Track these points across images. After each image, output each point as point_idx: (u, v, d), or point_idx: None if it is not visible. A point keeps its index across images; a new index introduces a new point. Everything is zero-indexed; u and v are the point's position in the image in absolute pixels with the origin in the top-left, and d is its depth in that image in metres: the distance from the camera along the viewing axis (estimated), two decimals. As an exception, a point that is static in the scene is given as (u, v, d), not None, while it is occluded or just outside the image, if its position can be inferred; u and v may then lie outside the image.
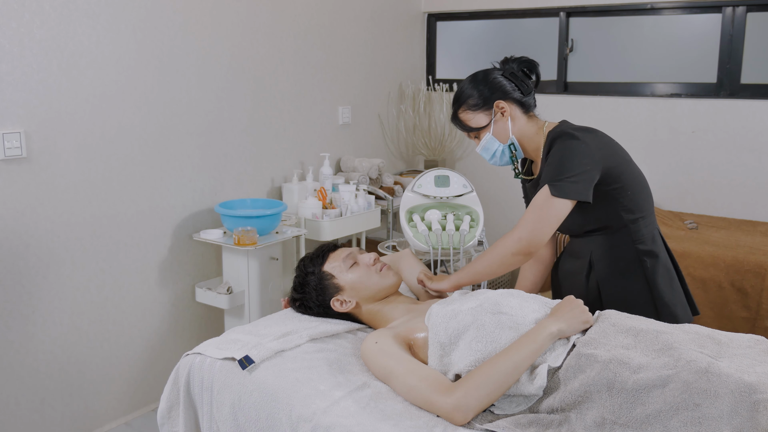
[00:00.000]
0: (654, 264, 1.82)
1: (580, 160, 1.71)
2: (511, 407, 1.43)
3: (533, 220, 1.69)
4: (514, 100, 1.84)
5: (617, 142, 1.86)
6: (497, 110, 1.84)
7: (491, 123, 1.85)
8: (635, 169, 1.84)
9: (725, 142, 3.31)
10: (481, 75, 1.87)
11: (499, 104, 1.83)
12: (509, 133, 1.85)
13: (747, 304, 2.69)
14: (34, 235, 2.31)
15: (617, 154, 1.81)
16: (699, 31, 3.37)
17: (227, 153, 2.93)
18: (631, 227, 1.81)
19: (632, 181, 1.81)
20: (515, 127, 1.85)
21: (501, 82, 1.84)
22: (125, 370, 2.67)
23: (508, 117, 1.84)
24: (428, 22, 4.14)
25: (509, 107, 1.84)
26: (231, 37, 2.88)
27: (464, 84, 1.88)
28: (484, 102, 1.84)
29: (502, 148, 1.88)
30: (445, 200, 2.24)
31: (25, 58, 2.22)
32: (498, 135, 1.86)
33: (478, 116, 1.85)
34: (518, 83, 1.85)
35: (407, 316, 1.73)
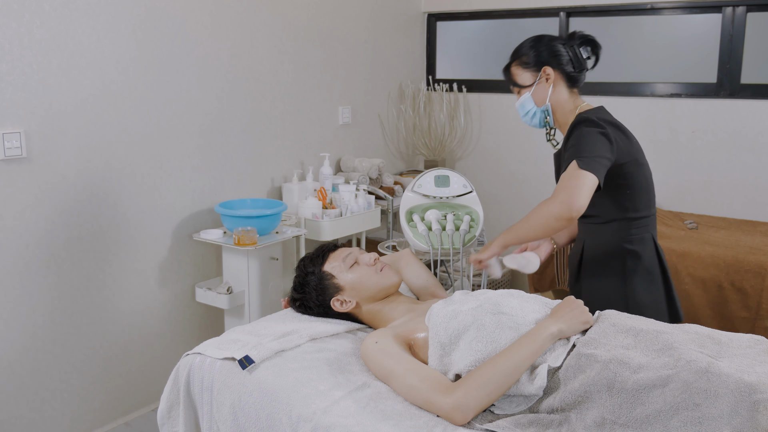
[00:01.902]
0: (635, 264, 1.86)
1: (600, 146, 1.75)
2: (511, 407, 1.43)
3: (570, 186, 1.69)
4: (563, 72, 1.91)
5: (637, 142, 1.89)
6: (543, 75, 1.91)
7: (534, 84, 1.92)
8: (644, 172, 1.88)
9: (725, 142, 3.31)
10: (545, 39, 1.93)
11: (546, 70, 1.90)
12: (546, 100, 1.92)
13: (747, 304, 2.69)
14: (34, 235, 2.31)
15: (631, 154, 1.84)
16: (699, 31, 3.37)
17: (227, 153, 2.93)
18: (621, 223, 1.86)
19: (636, 182, 1.84)
20: (554, 96, 1.92)
21: (559, 50, 1.91)
22: (125, 370, 2.67)
23: (550, 84, 1.91)
24: (428, 22, 4.14)
25: (555, 76, 1.91)
26: (231, 37, 2.88)
27: (526, 41, 1.95)
28: (535, 63, 1.91)
29: (534, 110, 1.95)
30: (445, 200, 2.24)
31: (25, 58, 2.22)
32: (536, 97, 1.93)
33: (526, 74, 1.93)
34: (573, 57, 1.91)
35: (407, 316, 1.73)
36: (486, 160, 4.01)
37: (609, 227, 1.87)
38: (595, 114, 1.85)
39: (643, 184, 1.86)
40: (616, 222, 1.86)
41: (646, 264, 1.87)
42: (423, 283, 1.98)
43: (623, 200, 1.84)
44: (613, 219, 1.86)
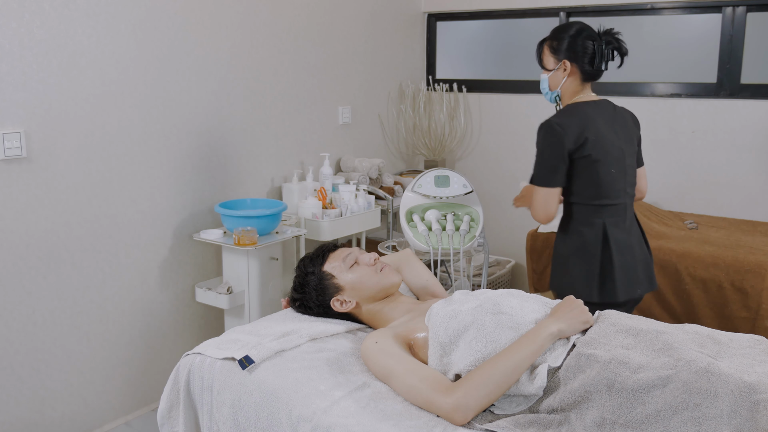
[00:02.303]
0: (578, 242, 2.13)
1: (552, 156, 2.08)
2: (511, 407, 1.43)
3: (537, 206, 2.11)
4: (581, 68, 2.13)
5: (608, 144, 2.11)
6: (563, 66, 2.15)
7: (553, 71, 2.17)
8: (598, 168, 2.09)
9: (725, 142, 3.31)
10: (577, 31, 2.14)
11: (566, 63, 2.14)
12: (558, 87, 2.18)
13: (747, 304, 2.69)
14: (34, 235, 2.31)
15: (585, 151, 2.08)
16: (699, 31, 3.37)
17: (227, 153, 2.93)
18: (574, 207, 2.15)
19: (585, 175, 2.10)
20: (566, 85, 2.17)
21: (587, 48, 2.12)
22: (125, 370, 2.67)
23: (566, 76, 2.15)
24: (428, 22, 4.14)
25: (572, 69, 2.14)
26: (231, 37, 2.88)
27: (567, 27, 2.16)
28: (560, 52, 2.15)
29: (548, 92, 2.22)
30: (445, 200, 2.24)
31: (25, 58, 2.22)
32: (551, 82, 2.19)
33: (551, 59, 2.18)
34: (596, 56, 2.12)
35: (407, 316, 1.73)
36: (486, 160, 4.00)
37: (569, 205, 2.17)
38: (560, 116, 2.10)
39: (593, 177, 2.10)
40: (572, 205, 2.16)
41: (589, 245, 2.12)
42: (423, 283, 1.98)
43: (574, 187, 2.12)
44: (569, 202, 2.17)
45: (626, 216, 2.17)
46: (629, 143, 2.20)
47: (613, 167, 2.12)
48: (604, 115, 2.14)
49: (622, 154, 2.14)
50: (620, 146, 2.14)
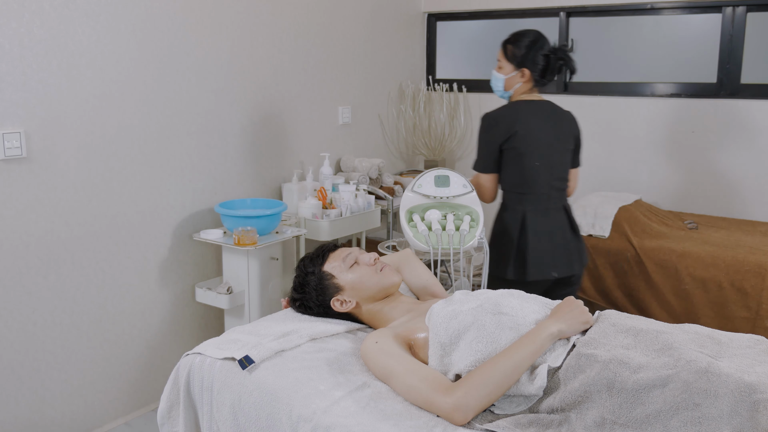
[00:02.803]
0: (501, 225, 2.43)
1: (486, 146, 2.39)
2: (511, 407, 1.43)
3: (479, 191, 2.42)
4: (534, 77, 2.40)
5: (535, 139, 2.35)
6: (521, 73, 2.40)
7: (512, 74, 2.41)
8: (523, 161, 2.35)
9: (725, 142, 3.31)
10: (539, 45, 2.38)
11: (525, 71, 2.39)
12: (512, 89, 2.44)
13: (747, 304, 2.69)
14: (34, 235, 2.31)
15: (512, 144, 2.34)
16: (699, 31, 3.37)
17: (227, 153, 2.93)
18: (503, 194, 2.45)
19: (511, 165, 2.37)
20: (518, 88, 2.43)
21: (542, 60, 2.37)
22: (125, 370, 2.67)
23: (521, 81, 2.41)
24: (428, 22, 4.14)
25: (528, 77, 2.39)
26: (231, 37, 2.88)
27: (526, 38, 2.39)
28: (521, 61, 2.39)
29: (500, 90, 2.47)
30: (445, 200, 2.24)
31: (25, 58, 2.22)
32: (508, 83, 2.44)
33: (510, 64, 2.41)
34: (548, 69, 2.38)
35: (408, 316, 1.73)
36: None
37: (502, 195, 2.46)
38: (500, 110, 2.38)
39: (518, 168, 2.36)
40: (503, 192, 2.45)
41: (509, 229, 2.39)
42: (423, 283, 1.98)
43: (503, 175, 2.41)
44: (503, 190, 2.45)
45: (549, 206, 2.40)
46: (561, 142, 2.42)
47: (537, 160, 2.35)
48: (540, 114, 2.38)
49: (550, 150, 2.38)
50: (549, 143, 2.37)
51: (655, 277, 2.87)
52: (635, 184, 3.57)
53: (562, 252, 2.39)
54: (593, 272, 3.03)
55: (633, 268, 2.93)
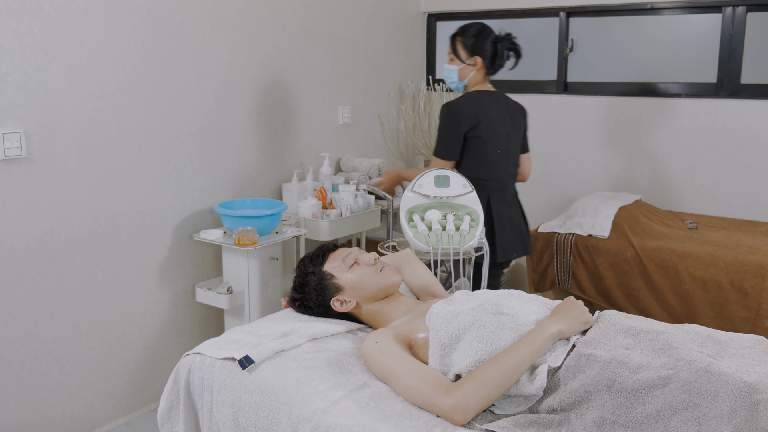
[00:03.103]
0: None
1: (449, 133, 2.49)
2: (511, 407, 1.43)
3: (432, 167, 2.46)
4: (486, 64, 2.54)
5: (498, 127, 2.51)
6: (473, 61, 2.53)
7: (465, 64, 2.54)
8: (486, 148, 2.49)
9: (725, 142, 3.31)
10: (485, 33, 2.52)
11: (477, 59, 2.53)
12: (467, 79, 2.57)
13: (747, 304, 2.69)
14: (34, 235, 2.31)
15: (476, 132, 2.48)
16: (699, 31, 3.37)
17: (227, 153, 2.93)
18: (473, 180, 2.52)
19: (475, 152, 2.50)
20: (473, 77, 2.56)
21: (493, 47, 2.52)
22: (125, 370, 2.67)
23: (475, 69, 2.54)
24: (428, 22, 4.14)
25: (481, 65, 2.54)
26: (231, 37, 2.88)
27: (473, 27, 2.54)
28: (471, 48, 2.53)
29: (455, 81, 2.58)
30: (445, 200, 2.24)
31: (25, 58, 2.22)
32: (461, 73, 2.56)
33: (463, 52, 2.55)
34: (498, 56, 2.53)
35: (408, 316, 1.73)
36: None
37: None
38: (462, 99, 2.50)
39: (481, 156, 2.51)
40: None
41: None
42: (423, 283, 1.98)
43: (465, 163, 2.52)
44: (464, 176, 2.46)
45: (507, 191, 2.58)
46: (515, 130, 2.60)
47: (498, 149, 2.52)
48: (496, 104, 2.54)
49: (508, 138, 2.55)
50: (507, 132, 2.55)
51: (655, 277, 2.87)
52: (635, 184, 3.57)
53: (518, 235, 2.60)
54: (593, 272, 3.03)
55: (633, 268, 2.93)
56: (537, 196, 3.87)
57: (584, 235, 3.05)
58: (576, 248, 3.06)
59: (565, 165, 3.76)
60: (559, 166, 3.78)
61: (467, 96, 2.52)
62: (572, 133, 3.71)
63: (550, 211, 3.78)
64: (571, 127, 3.70)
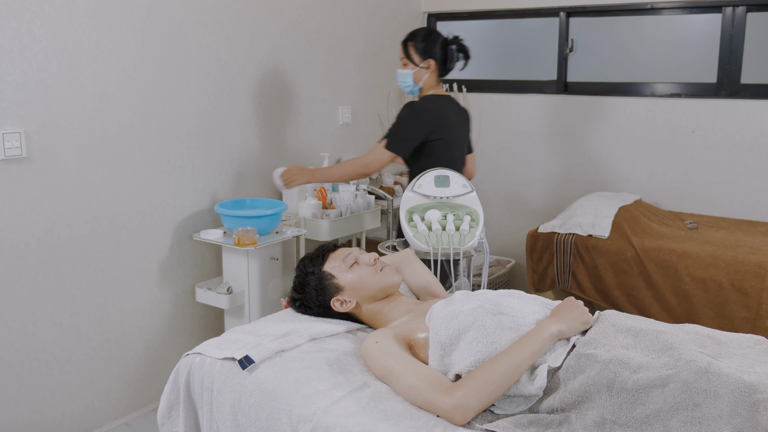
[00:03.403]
0: None
1: (409, 129, 2.53)
2: (511, 407, 1.43)
3: (373, 158, 2.56)
4: (439, 67, 2.62)
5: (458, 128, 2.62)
6: (427, 64, 2.60)
7: (419, 67, 2.61)
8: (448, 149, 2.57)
9: (725, 142, 3.31)
10: (435, 36, 2.61)
11: (430, 62, 2.60)
12: (421, 81, 2.64)
13: (747, 304, 2.69)
14: (34, 235, 2.31)
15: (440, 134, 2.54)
16: (699, 31, 3.37)
17: (227, 153, 2.93)
18: None
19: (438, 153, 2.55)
20: (427, 80, 2.63)
21: (443, 50, 2.60)
22: (125, 370, 2.67)
23: (428, 72, 2.61)
24: (428, 22, 4.14)
25: (434, 67, 2.61)
26: (231, 37, 2.88)
27: (422, 31, 2.62)
28: (424, 52, 2.60)
29: (410, 85, 2.64)
30: (445, 200, 2.24)
31: (25, 58, 2.22)
32: (415, 76, 2.63)
33: (416, 56, 2.61)
34: (448, 57, 2.61)
35: (408, 316, 1.73)
36: (486, 160, 4.01)
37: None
38: (426, 102, 2.56)
39: (444, 157, 2.57)
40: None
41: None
42: (423, 283, 1.98)
43: (426, 164, 2.51)
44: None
45: None
46: (465, 133, 2.72)
47: (457, 150, 2.64)
48: (452, 107, 2.64)
49: (462, 141, 2.68)
50: (462, 134, 2.68)
51: (655, 277, 2.87)
52: (635, 184, 3.57)
53: None
54: (593, 272, 3.03)
55: (633, 268, 2.93)
56: (537, 196, 3.87)
57: (584, 235, 3.05)
58: (576, 248, 3.06)
59: (565, 165, 3.76)
60: (559, 166, 3.78)
61: (429, 99, 2.59)
62: (572, 133, 3.71)
63: (550, 211, 3.78)
64: (571, 127, 3.70)
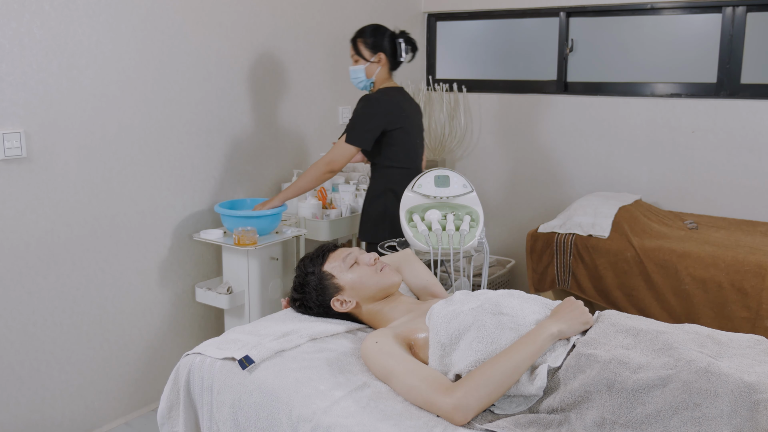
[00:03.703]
0: (390, 201, 2.62)
1: (368, 121, 2.57)
2: (511, 407, 1.43)
3: (336, 154, 2.60)
4: (389, 60, 2.68)
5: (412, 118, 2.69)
6: (377, 58, 2.66)
7: (370, 62, 2.67)
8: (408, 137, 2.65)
9: (725, 142, 3.31)
10: (382, 30, 2.68)
11: (381, 56, 2.66)
12: (373, 75, 2.69)
13: (747, 304, 2.69)
14: (34, 235, 2.31)
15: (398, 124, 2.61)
16: (699, 31, 3.37)
17: (227, 153, 2.93)
18: (388, 170, 2.65)
19: (399, 143, 2.63)
20: (379, 74, 2.68)
21: (392, 44, 2.67)
22: (125, 370, 2.67)
23: (380, 66, 2.67)
24: (428, 22, 4.14)
25: (384, 60, 2.67)
26: (231, 37, 2.88)
27: (369, 27, 2.69)
28: (374, 47, 2.66)
29: (363, 80, 2.70)
30: (445, 200, 2.24)
31: (25, 58, 2.22)
32: (367, 71, 2.69)
33: (366, 51, 2.68)
34: (398, 51, 2.68)
35: (408, 316, 1.73)
36: (486, 160, 4.01)
37: (384, 171, 2.66)
38: (380, 94, 2.62)
39: (406, 146, 2.65)
40: (387, 169, 2.65)
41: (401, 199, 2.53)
42: (423, 283, 1.98)
43: (389, 154, 2.63)
44: (384, 166, 2.66)
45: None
46: (420, 123, 2.78)
47: (416, 138, 2.70)
48: (406, 99, 2.70)
49: (419, 129, 2.75)
50: (417, 123, 2.74)
51: (655, 277, 2.87)
52: (635, 184, 3.57)
53: None
54: (593, 272, 3.03)
55: (633, 268, 2.93)
56: (537, 196, 3.87)
57: (584, 235, 3.05)
58: (576, 248, 3.06)
59: (565, 165, 3.76)
60: (559, 166, 3.78)
61: (384, 91, 2.64)
62: (572, 133, 3.71)
63: (550, 211, 3.78)
64: (571, 127, 3.70)
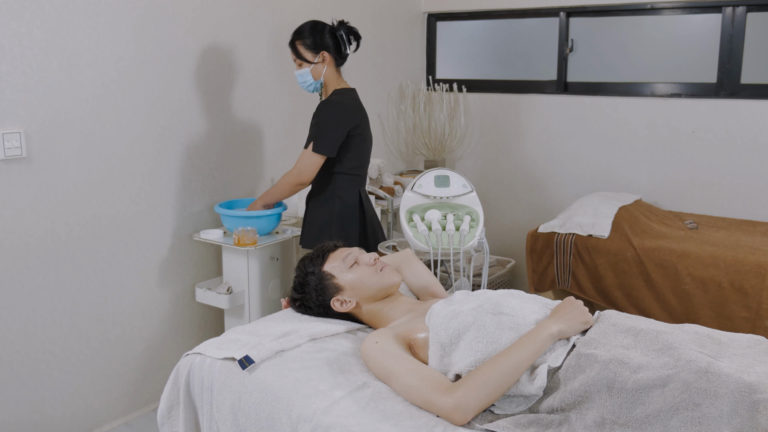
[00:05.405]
0: (337, 207, 2.53)
1: (333, 128, 2.45)
2: (511, 407, 1.43)
3: (304, 165, 2.47)
4: (334, 56, 2.54)
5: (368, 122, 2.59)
6: (321, 57, 2.52)
7: (314, 63, 2.52)
8: (364, 143, 2.55)
9: (725, 142, 3.31)
10: (320, 27, 2.53)
11: (324, 54, 2.51)
12: (321, 76, 2.54)
13: (747, 304, 2.69)
14: (34, 235, 2.31)
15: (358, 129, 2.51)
16: (699, 31, 3.37)
17: (227, 153, 2.93)
18: (337, 176, 2.53)
19: (355, 149, 2.52)
20: (327, 73, 2.54)
21: (330, 38, 2.52)
22: (125, 370, 2.67)
23: (325, 65, 2.53)
24: (428, 22, 4.14)
25: (329, 58, 2.53)
26: (231, 36, 2.88)
27: (306, 26, 2.54)
28: (315, 46, 2.51)
29: (311, 82, 2.55)
30: (445, 200, 2.24)
31: (25, 58, 2.22)
32: (314, 73, 2.54)
33: (307, 53, 2.52)
34: (341, 44, 2.53)
35: (408, 316, 1.73)
36: (486, 160, 4.01)
37: (332, 177, 2.54)
38: (339, 97, 2.50)
39: (360, 152, 2.55)
40: (335, 175, 2.53)
41: (350, 209, 2.54)
42: (423, 283, 1.98)
43: (343, 159, 2.51)
44: (332, 172, 2.53)
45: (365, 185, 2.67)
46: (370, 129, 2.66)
47: (370, 145, 2.61)
48: (360, 102, 2.60)
49: (371, 136, 2.64)
50: (370, 129, 2.63)
51: (655, 277, 2.87)
52: (635, 184, 3.57)
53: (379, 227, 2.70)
54: (593, 272, 3.03)
55: (633, 268, 2.93)
56: (537, 196, 3.87)
57: (584, 235, 3.05)
58: (576, 248, 3.06)
59: (565, 165, 3.76)
60: (559, 166, 3.78)
61: (341, 93, 2.52)
62: (572, 133, 3.71)
63: (550, 211, 3.78)
64: (571, 127, 3.70)
